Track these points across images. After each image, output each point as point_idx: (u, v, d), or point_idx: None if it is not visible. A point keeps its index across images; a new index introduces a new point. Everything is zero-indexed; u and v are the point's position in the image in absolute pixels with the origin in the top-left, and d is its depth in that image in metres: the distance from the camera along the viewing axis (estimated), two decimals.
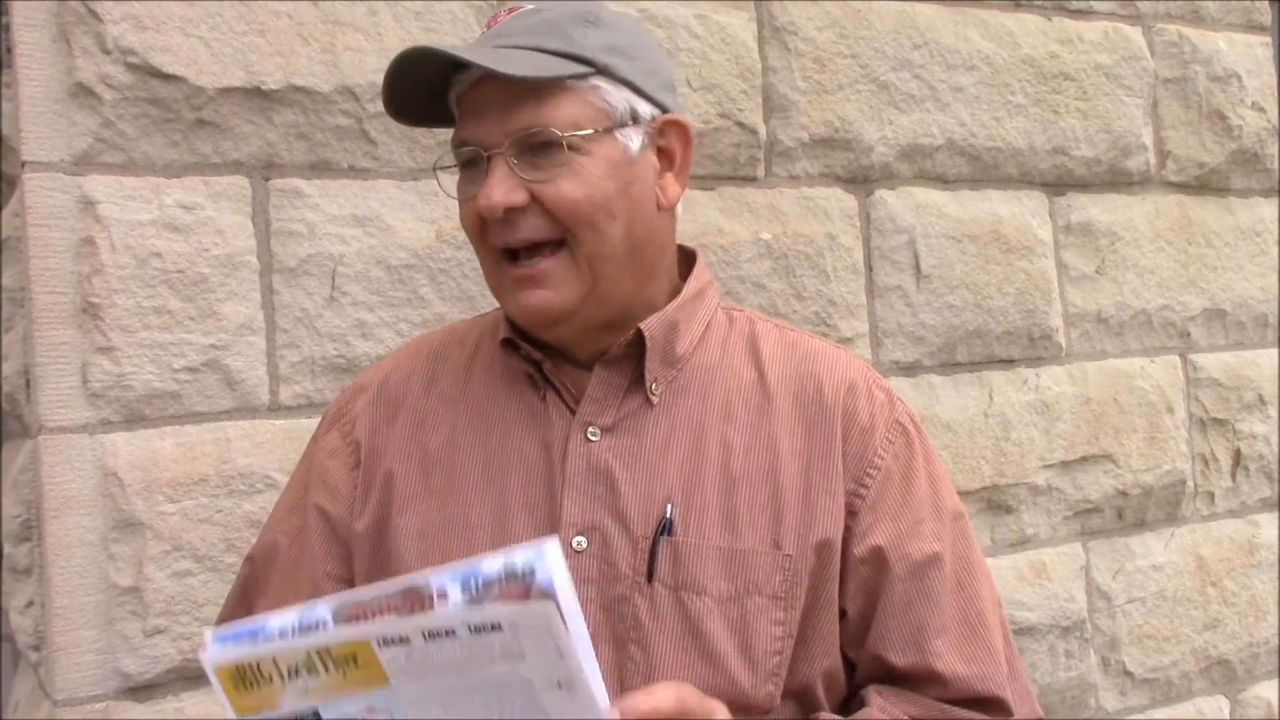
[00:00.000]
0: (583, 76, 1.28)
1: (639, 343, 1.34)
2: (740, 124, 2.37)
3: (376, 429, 1.41)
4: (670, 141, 1.37)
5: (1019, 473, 2.64)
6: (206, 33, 1.93)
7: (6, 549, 1.99)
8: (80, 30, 1.86)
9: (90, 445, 1.85)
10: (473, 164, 1.30)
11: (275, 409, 1.98)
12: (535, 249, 1.28)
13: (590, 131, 1.28)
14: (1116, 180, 2.86)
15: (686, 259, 1.46)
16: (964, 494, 2.56)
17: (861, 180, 2.52)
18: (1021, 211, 2.71)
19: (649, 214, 1.34)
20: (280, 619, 1.07)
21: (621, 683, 1.25)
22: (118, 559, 1.85)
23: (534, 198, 1.26)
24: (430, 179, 2.09)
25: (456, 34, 2.11)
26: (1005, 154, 2.68)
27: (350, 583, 1.40)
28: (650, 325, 1.34)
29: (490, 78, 1.26)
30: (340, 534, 1.40)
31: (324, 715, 1.06)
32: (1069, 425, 2.72)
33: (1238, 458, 3.02)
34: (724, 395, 1.36)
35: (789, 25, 2.43)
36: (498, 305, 1.40)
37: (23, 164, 1.84)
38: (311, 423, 1.92)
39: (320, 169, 2.02)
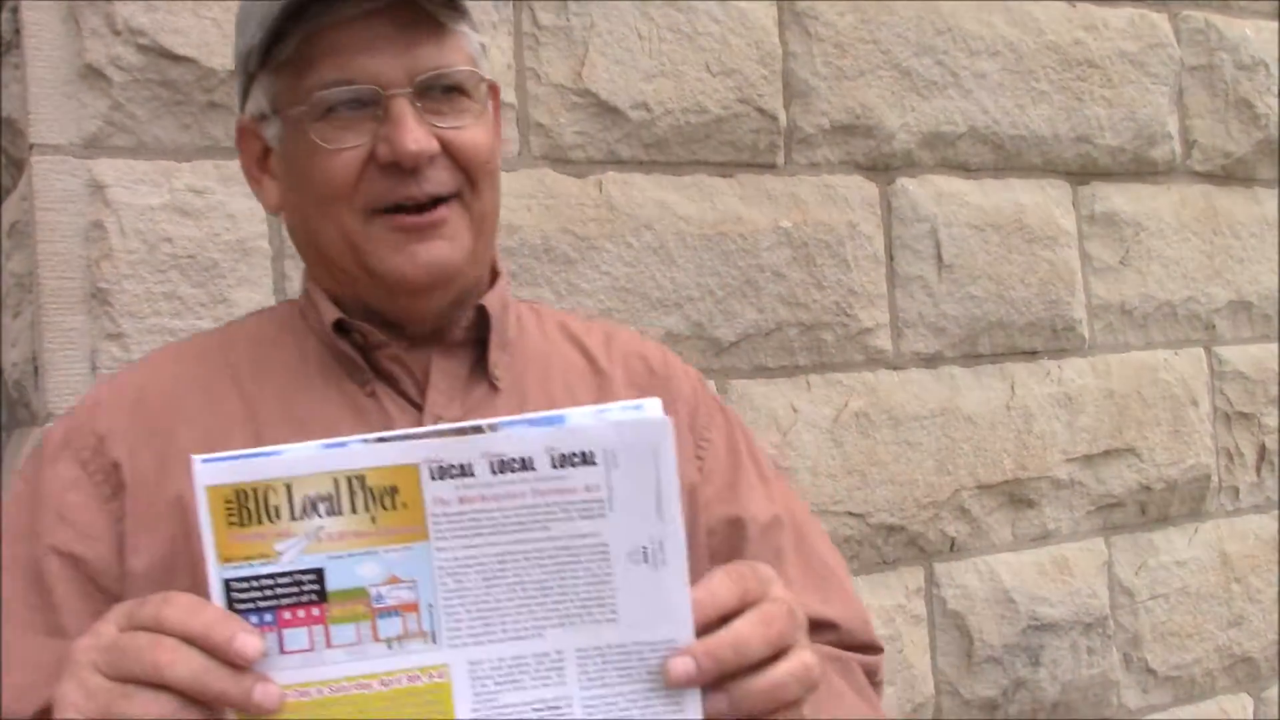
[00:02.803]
0: (463, 19, 1.18)
1: (479, 325, 1.24)
2: (760, 110, 2.33)
3: (138, 449, 1.17)
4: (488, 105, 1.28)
5: (1041, 466, 2.60)
6: (219, 13, 1.90)
7: None
8: (89, 10, 1.83)
9: None
10: (354, 107, 1.13)
11: None
12: (421, 207, 1.16)
13: (482, 79, 1.19)
14: (1141, 169, 2.81)
15: None
16: (985, 487, 2.52)
17: (883, 168, 2.48)
18: (1045, 201, 2.66)
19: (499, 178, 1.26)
20: (296, 446, 0.87)
21: None
22: None
23: (441, 146, 1.14)
24: None
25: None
26: (1029, 142, 2.64)
27: None
28: (491, 302, 1.24)
29: (387, 10, 1.12)
30: (101, 581, 1.13)
31: (330, 580, 0.86)
32: (1092, 418, 2.68)
33: (1263, 452, 2.97)
34: (563, 380, 1.29)
35: (809, 10, 2.39)
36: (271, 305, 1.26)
37: (31, 147, 1.81)
38: None
39: None
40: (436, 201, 1.15)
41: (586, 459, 0.84)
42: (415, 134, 1.12)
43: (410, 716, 0.85)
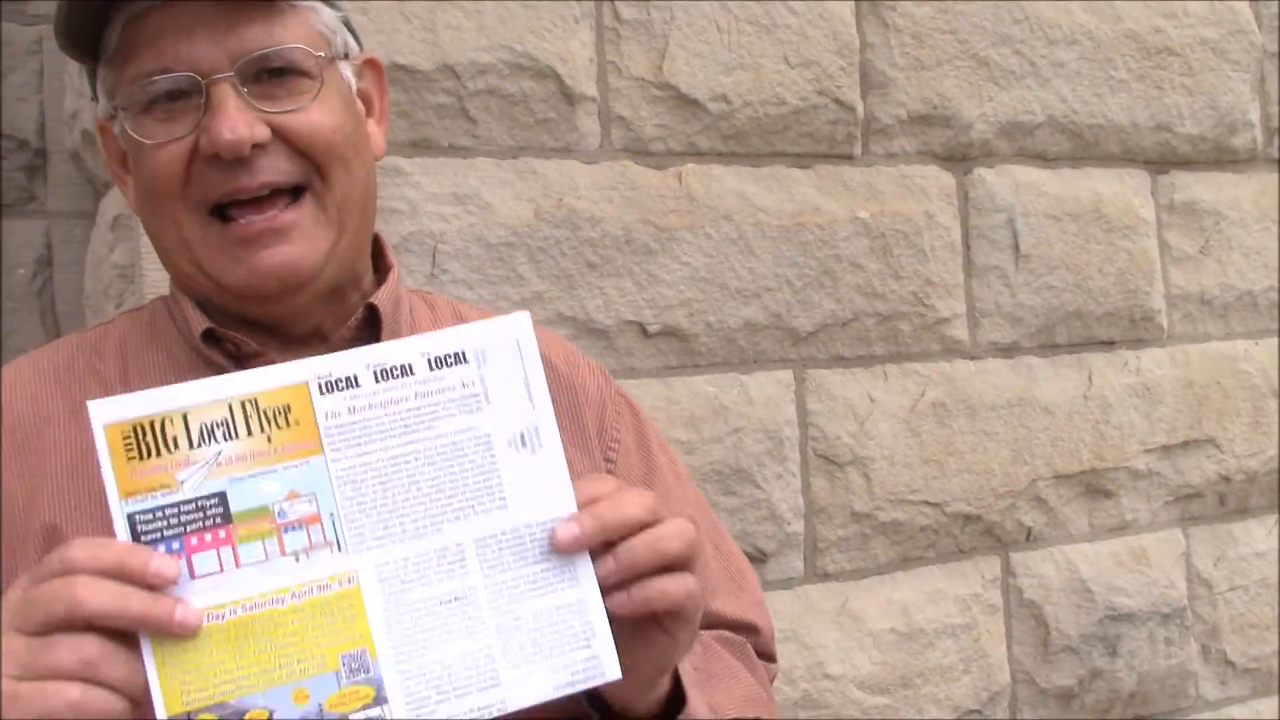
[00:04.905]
0: None
1: (369, 323, 1.17)
2: (838, 101, 2.34)
3: (5, 476, 1.10)
4: (368, 84, 1.22)
5: (1119, 456, 2.59)
6: None
7: None
8: None
9: None
10: (174, 97, 1.07)
11: None
12: (261, 203, 1.09)
13: (324, 55, 1.12)
14: (1221, 158, 2.79)
15: None
16: (1062, 477, 2.52)
17: (960, 158, 2.48)
18: (1123, 190, 2.65)
19: (371, 161, 1.18)
20: (186, 385, 0.89)
21: None
22: None
23: (275, 132, 1.08)
24: (529, 157, 2.09)
25: (556, 12, 2.10)
26: (1107, 131, 2.62)
27: None
28: (382, 300, 1.17)
29: None
30: None
31: (233, 503, 0.88)
32: (1170, 409, 2.66)
33: None
34: None
35: (887, 1, 2.40)
36: (139, 304, 1.23)
37: None
38: None
39: (421, 147, 2.03)
40: (277, 193, 1.09)
41: (460, 358, 0.93)
42: (233, 122, 1.05)
43: (325, 623, 0.89)
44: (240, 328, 1.14)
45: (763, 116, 2.27)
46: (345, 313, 1.17)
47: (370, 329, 1.18)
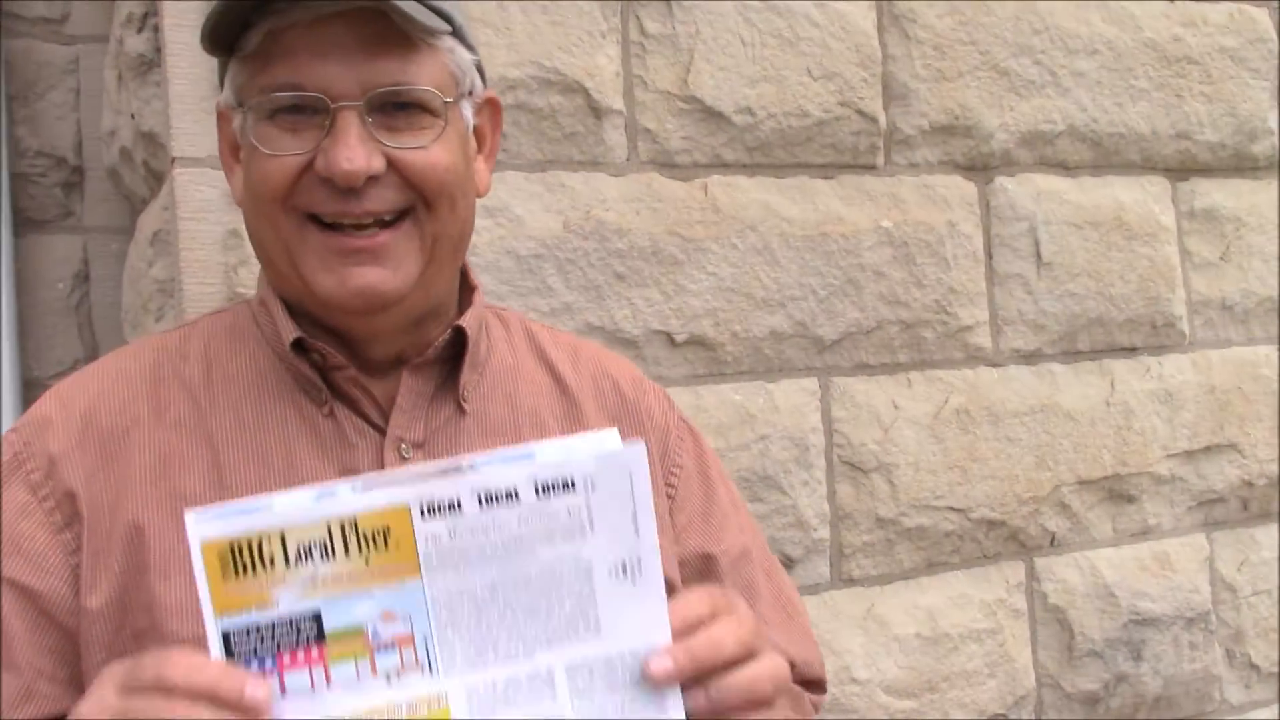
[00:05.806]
0: (441, 34, 1.14)
1: (454, 344, 1.20)
2: (860, 112, 2.37)
3: (94, 476, 1.12)
4: (484, 121, 1.25)
5: (1141, 462, 2.61)
6: None
7: None
8: None
9: None
10: (299, 110, 1.10)
11: None
12: (364, 220, 1.12)
13: (451, 99, 1.15)
14: (1242, 165, 2.81)
15: None
16: (1085, 483, 2.54)
17: (981, 167, 2.51)
18: (1144, 198, 2.67)
19: (474, 199, 1.21)
20: (288, 496, 0.90)
21: None
22: None
23: (390, 163, 1.10)
24: (558, 170, 2.13)
25: (583, 28, 2.14)
26: (1127, 139, 2.65)
27: (72, 685, 1.09)
28: (469, 323, 1.20)
29: (356, 18, 1.08)
30: (57, 617, 1.10)
31: (327, 621, 0.89)
32: (1192, 414, 2.68)
33: None
34: (531, 401, 1.26)
35: (908, 13, 2.43)
36: (221, 307, 1.27)
37: (172, 160, 1.91)
38: None
39: None
40: (382, 221, 1.12)
41: (568, 485, 0.91)
42: (352, 152, 1.08)
43: None
44: (327, 339, 1.17)
45: (786, 128, 2.30)
46: (424, 341, 1.20)
47: (454, 349, 1.21)
